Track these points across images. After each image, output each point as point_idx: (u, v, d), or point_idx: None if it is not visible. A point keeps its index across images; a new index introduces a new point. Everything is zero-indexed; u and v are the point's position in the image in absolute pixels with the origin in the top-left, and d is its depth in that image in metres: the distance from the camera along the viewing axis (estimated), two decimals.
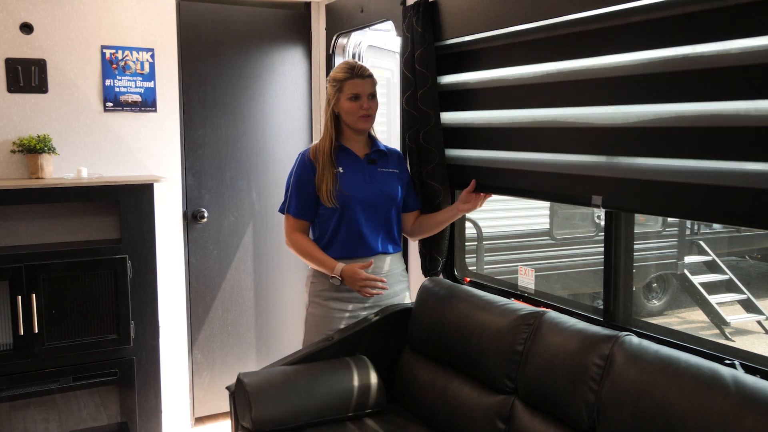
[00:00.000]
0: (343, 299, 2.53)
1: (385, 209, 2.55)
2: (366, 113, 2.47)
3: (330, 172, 2.45)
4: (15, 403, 2.99)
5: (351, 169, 2.51)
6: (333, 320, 2.54)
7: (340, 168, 2.48)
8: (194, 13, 3.53)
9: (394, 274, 2.61)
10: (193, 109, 3.57)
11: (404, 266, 2.71)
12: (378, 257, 2.54)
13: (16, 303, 2.85)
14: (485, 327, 2.27)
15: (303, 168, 2.50)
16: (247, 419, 2.26)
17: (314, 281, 2.58)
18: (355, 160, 2.53)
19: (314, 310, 2.58)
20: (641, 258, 5.92)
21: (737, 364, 1.73)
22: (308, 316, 2.61)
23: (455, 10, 2.56)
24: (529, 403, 2.08)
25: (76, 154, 3.22)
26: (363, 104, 2.46)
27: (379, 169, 2.56)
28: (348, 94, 2.45)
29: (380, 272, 2.55)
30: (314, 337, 2.57)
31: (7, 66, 3.05)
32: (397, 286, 2.64)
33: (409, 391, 2.56)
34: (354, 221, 2.49)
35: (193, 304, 3.65)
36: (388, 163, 2.60)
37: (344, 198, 2.46)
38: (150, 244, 3.12)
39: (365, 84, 2.47)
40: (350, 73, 2.47)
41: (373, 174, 2.54)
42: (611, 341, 1.88)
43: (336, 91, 2.48)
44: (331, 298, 2.54)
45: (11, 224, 3.06)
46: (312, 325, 2.58)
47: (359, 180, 2.51)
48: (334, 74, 2.51)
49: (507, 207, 5.89)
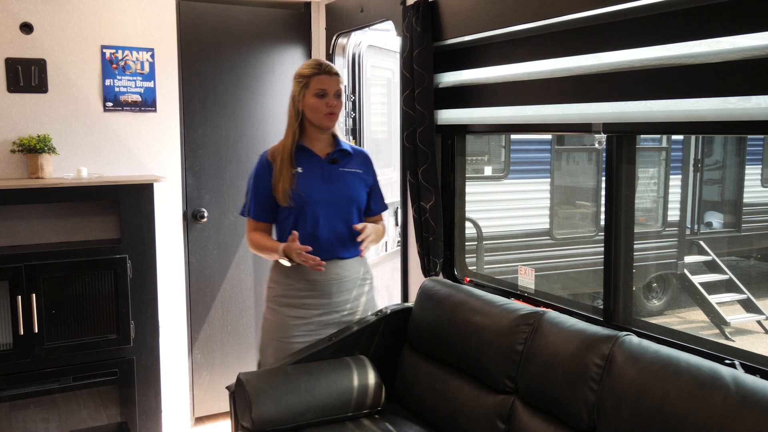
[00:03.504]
0: (300, 306, 2.45)
1: (345, 210, 2.48)
2: (331, 111, 2.42)
3: (288, 171, 2.40)
4: (15, 403, 2.99)
5: (310, 168, 2.45)
6: (288, 327, 2.46)
7: (299, 168, 2.43)
8: (194, 13, 3.53)
9: (351, 279, 2.51)
10: (193, 109, 3.57)
11: (365, 270, 2.59)
12: (333, 262, 2.44)
13: (16, 303, 2.85)
14: (485, 327, 2.27)
15: (260, 169, 2.46)
16: (247, 419, 2.26)
17: (271, 286, 2.52)
18: (315, 160, 2.47)
19: (269, 316, 2.51)
20: (641, 258, 5.92)
21: (737, 364, 1.73)
22: (264, 321, 2.55)
23: (455, 10, 2.57)
24: (529, 403, 2.08)
25: (76, 154, 3.22)
26: (329, 101, 2.41)
27: (341, 169, 2.49)
28: (315, 90, 2.40)
29: (336, 277, 2.47)
30: (269, 343, 2.50)
31: (7, 66, 3.05)
32: (354, 291, 2.54)
33: (409, 391, 2.56)
34: (309, 222, 2.42)
35: (193, 304, 3.65)
36: (351, 163, 2.53)
37: (299, 198, 2.40)
38: (150, 244, 3.12)
39: (332, 81, 2.41)
40: (318, 69, 2.41)
41: (332, 174, 2.48)
42: (611, 341, 1.88)
43: (302, 87, 2.42)
44: (286, 305, 2.46)
45: (11, 224, 3.06)
46: (267, 330, 2.52)
47: (317, 180, 2.45)
48: (300, 71, 2.45)
49: (507, 207, 5.89)
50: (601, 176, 5.59)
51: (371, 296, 2.63)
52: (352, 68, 3.75)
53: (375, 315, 2.64)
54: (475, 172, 5.84)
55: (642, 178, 5.86)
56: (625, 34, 1.95)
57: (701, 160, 6.08)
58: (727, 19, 1.67)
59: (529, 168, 6.03)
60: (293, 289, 2.46)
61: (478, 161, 5.87)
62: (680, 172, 6.03)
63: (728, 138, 6.09)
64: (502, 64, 2.47)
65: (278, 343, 2.48)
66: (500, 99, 2.50)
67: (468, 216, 3.15)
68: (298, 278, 2.45)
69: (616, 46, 1.98)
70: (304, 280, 2.44)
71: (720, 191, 6.32)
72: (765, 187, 6.38)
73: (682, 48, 1.79)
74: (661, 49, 1.84)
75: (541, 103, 2.30)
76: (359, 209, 2.53)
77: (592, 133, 2.11)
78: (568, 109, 2.19)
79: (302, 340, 2.47)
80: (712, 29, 1.71)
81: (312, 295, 2.46)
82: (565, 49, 2.17)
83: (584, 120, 2.14)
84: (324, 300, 2.47)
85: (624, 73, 1.97)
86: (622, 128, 2.04)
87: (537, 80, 2.31)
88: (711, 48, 1.72)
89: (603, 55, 2.03)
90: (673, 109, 1.84)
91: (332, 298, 2.48)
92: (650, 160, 5.97)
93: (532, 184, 6.05)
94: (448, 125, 2.78)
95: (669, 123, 1.88)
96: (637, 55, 1.92)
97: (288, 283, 2.46)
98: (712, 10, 1.71)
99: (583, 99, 2.13)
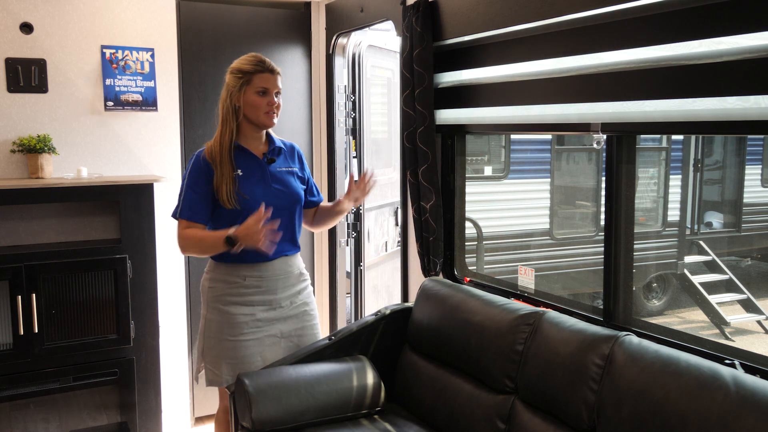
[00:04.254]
0: (246, 303, 2.42)
1: (288, 211, 2.45)
2: (271, 109, 2.37)
3: (229, 173, 2.33)
4: (15, 403, 2.99)
5: (250, 170, 2.39)
6: (235, 325, 2.40)
7: (239, 170, 2.37)
8: (194, 13, 3.53)
9: (294, 274, 2.51)
10: (193, 109, 3.57)
11: (302, 266, 2.58)
12: (279, 259, 2.44)
13: (16, 303, 2.85)
14: (485, 327, 2.27)
15: (198, 170, 2.37)
16: (247, 419, 2.26)
17: (212, 286, 2.44)
18: (253, 161, 2.42)
19: (213, 316, 2.42)
20: (641, 258, 5.92)
21: (737, 364, 1.73)
22: (206, 323, 2.45)
23: (455, 10, 2.57)
24: (529, 403, 2.08)
25: (76, 154, 3.22)
26: (271, 100, 2.36)
27: (279, 169, 2.46)
28: (257, 88, 2.34)
29: (279, 274, 2.45)
30: (214, 345, 2.42)
31: (7, 66, 3.05)
32: (296, 286, 2.52)
33: (409, 390, 2.56)
34: None
35: (193, 304, 3.64)
36: (286, 161, 2.50)
37: (244, 202, 2.34)
38: (150, 244, 3.12)
39: (275, 80, 2.37)
40: (261, 67, 2.36)
41: (272, 175, 2.43)
42: (611, 341, 1.88)
43: (242, 83, 2.34)
44: (231, 303, 2.41)
45: (11, 224, 3.06)
46: (211, 331, 2.43)
47: (259, 183, 2.40)
48: (240, 65, 2.38)
49: (507, 207, 5.89)
50: (601, 176, 5.59)
51: (309, 290, 2.60)
52: (352, 68, 3.75)
53: (375, 315, 2.65)
54: (475, 172, 5.84)
55: (642, 178, 5.86)
56: (624, 34, 1.95)
57: (701, 160, 6.07)
58: (726, 19, 1.67)
59: (529, 168, 6.03)
60: (239, 286, 2.41)
61: (478, 161, 5.87)
62: (680, 172, 6.03)
63: (728, 138, 6.09)
64: (501, 64, 2.47)
65: (226, 342, 2.41)
66: (500, 99, 2.50)
67: (468, 216, 3.15)
68: (244, 276, 2.41)
69: (616, 46, 1.98)
70: (251, 277, 2.41)
71: (720, 191, 6.32)
72: (765, 187, 6.38)
73: (681, 48, 1.79)
74: (661, 49, 1.85)
75: (541, 103, 2.30)
76: (300, 205, 2.51)
77: (591, 133, 2.11)
78: (568, 109, 2.20)
79: (251, 338, 2.42)
80: (711, 29, 1.71)
81: (258, 291, 2.43)
82: (564, 49, 2.17)
83: (583, 120, 2.14)
84: (269, 296, 2.45)
85: (623, 73, 1.97)
86: (621, 128, 2.04)
87: (536, 80, 2.31)
88: (710, 48, 1.72)
89: (602, 55, 2.04)
90: (672, 109, 1.85)
91: (277, 294, 2.46)
92: (650, 160, 5.96)
93: (532, 184, 6.05)
94: (448, 125, 2.78)
95: (668, 123, 1.88)
96: (637, 55, 1.92)
97: (233, 281, 2.41)
98: (711, 10, 1.71)
99: (583, 99, 2.13)
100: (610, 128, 2.07)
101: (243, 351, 2.42)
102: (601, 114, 2.07)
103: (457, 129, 2.78)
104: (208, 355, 2.45)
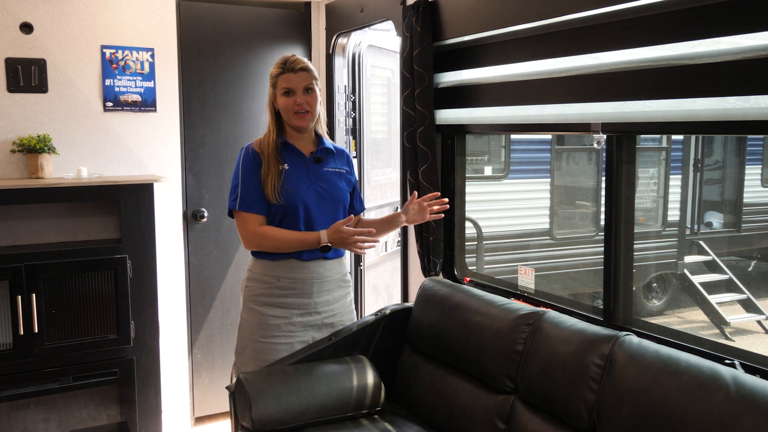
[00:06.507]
0: (279, 305, 2.38)
1: (331, 210, 2.41)
2: (300, 108, 2.33)
3: (275, 167, 2.32)
4: (15, 403, 2.99)
5: (296, 166, 2.38)
6: (268, 327, 2.38)
7: (285, 165, 2.36)
8: (194, 13, 3.53)
9: (332, 279, 2.46)
10: (193, 109, 3.57)
11: (346, 272, 2.53)
12: (316, 261, 2.40)
13: (16, 303, 2.85)
14: (485, 327, 2.27)
15: (248, 161, 2.36)
16: (247, 419, 2.26)
17: (249, 285, 2.43)
18: (300, 158, 2.40)
19: (248, 316, 2.42)
20: (641, 258, 5.92)
21: (737, 364, 1.73)
22: (242, 322, 2.45)
23: (455, 10, 2.57)
24: (529, 403, 2.08)
25: (76, 154, 3.22)
26: (297, 99, 2.32)
27: (325, 169, 2.43)
28: (281, 90, 2.33)
29: (317, 277, 2.41)
30: (246, 345, 2.41)
31: (7, 66, 3.05)
32: (335, 292, 2.48)
33: (409, 390, 2.56)
34: (296, 221, 2.35)
35: (193, 304, 3.65)
36: (335, 162, 2.47)
37: (288, 195, 2.32)
38: (150, 244, 3.12)
39: (298, 78, 2.32)
40: (282, 68, 2.34)
41: (318, 173, 2.41)
42: (611, 341, 1.88)
43: (273, 88, 2.36)
44: (266, 304, 2.38)
45: (11, 224, 3.06)
46: (246, 331, 2.42)
47: (304, 179, 2.38)
48: (271, 70, 2.38)
49: (507, 207, 5.89)
50: (601, 176, 5.59)
51: (351, 299, 2.57)
52: (352, 68, 3.75)
53: (375, 315, 2.65)
54: (475, 172, 5.84)
55: (642, 178, 5.86)
56: (624, 34, 1.95)
57: (701, 160, 6.07)
58: (726, 19, 1.67)
59: (529, 168, 6.03)
60: (273, 287, 2.38)
61: (478, 161, 5.87)
62: (680, 172, 6.03)
63: (728, 138, 6.09)
64: (501, 64, 2.47)
65: (257, 344, 2.39)
66: (500, 99, 2.50)
67: (468, 216, 3.15)
68: (278, 276, 2.38)
69: (616, 46, 1.99)
70: (285, 278, 2.38)
71: (720, 191, 6.32)
72: (765, 187, 6.38)
73: (681, 48, 1.79)
74: (661, 49, 1.85)
75: (541, 103, 2.30)
76: (344, 209, 2.47)
77: (591, 133, 2.11)
78: (568, 109, 2.20)
79: (283, 341, 2.39)
80: (711, 29, 1.71)
81: (293, 294, 2.39)
82: (564, 49, 2.18)
83: (583, 120, 2.14)
84: (305, 300, 2.41)
85: (623, 73, 1.97)
86: (621, 128, 2.04)
87: (536, 80, 2.31)
88: (710, 48, 1.72)
89: (602, 55, 2.04)
90: (672, 109, 1.85)
91: (313, 298, 2.41)
92: (650, 160, 5.96)
93: (532, 184, 6.05)
94: (448, 125, 2.78)
95: (668, 123, 1.88)
96: (637, 55, 1.92)
97: (267, 281, 2.39)
98: (711, 10, 1.71)
99: (583, 99, 2.13)
100: (610, 128, 2.07)
101: (273, 354, 2.39)
102: (601, 114, 2.07)
103: (457, 129, 2.79)
104: (240, 354, 2.45)
